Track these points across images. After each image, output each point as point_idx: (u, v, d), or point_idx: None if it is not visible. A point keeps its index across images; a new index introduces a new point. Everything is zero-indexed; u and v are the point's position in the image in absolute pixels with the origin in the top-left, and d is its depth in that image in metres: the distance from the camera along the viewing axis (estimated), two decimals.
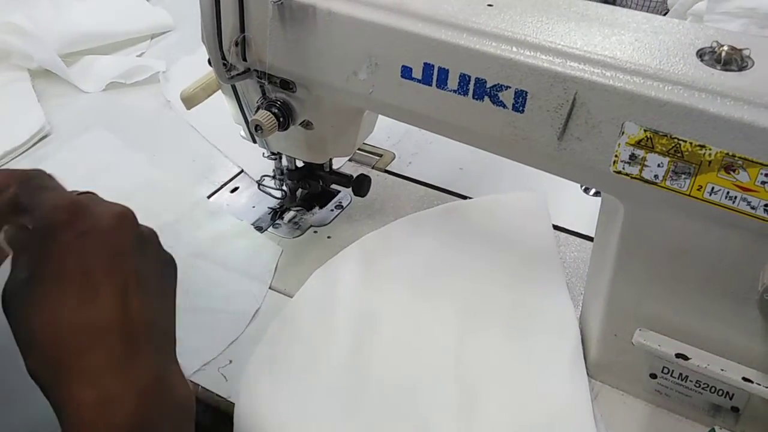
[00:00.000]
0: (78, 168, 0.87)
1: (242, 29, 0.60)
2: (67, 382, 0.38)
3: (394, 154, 0.88)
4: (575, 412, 0.57)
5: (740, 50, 0.46)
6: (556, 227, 0.75)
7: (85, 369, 0.38)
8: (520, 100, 0.50)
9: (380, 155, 0.88)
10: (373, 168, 0.86)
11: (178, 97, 0.70)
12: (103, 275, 0.40)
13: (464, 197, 0.81)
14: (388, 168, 0.86)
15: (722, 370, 0.51)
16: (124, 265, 0.41)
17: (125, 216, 0.43)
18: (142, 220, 0.44)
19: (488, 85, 0.51)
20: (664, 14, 1.25)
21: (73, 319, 0.39)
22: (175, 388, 0.42)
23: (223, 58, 0.61)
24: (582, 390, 0.58)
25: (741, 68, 0.46)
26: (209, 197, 0.82)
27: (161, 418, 0.40)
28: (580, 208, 0.78)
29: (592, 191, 0.81)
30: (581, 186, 0.81)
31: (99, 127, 0.95)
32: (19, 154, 0.90)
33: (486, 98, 0.52)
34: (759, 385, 0.49)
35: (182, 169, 0.87)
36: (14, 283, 0.40)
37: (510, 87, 0.50)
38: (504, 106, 0.51)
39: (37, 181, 0.44)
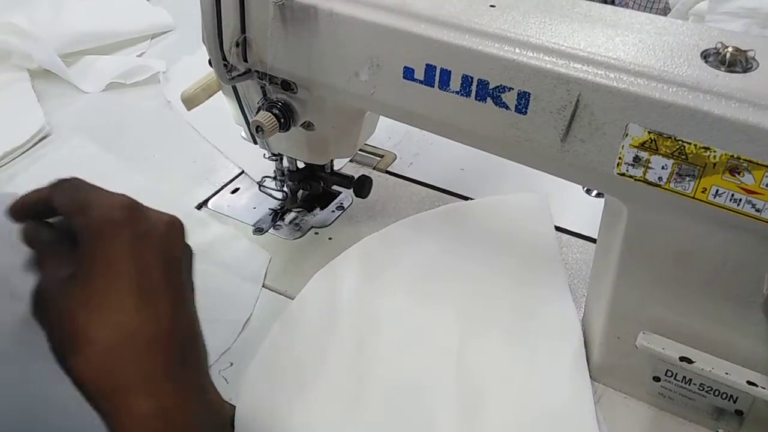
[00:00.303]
0: (73, 168, 0.87)
1: (243, 30, 0.60)
2: (124, 391, 0.37)
3: (395, 154, 0.88)
4: (578, 414, 0.57)
5: (745, 51, 0.46)
6: (558, 228, 0.75)
7: (143, 378, 0.38)
8: (523, 101, 0.50)
9: (381, 156, 0.88)
10: (374, 169, 0.86)
11: (178, 98, 0.69)
12: (160, 282, 0.40)
13: (466, 198, 0.81)
14: (389, 169, 0.86)
15: (727, 373, 0.50)
16: (178, 274, 0.42)
17: (178, 224, 0.43)
18: None
19: (491, 87, 0.51)
20: (665, 14, 1.24)
21: (130, 323, 0.38)
22: (215, 401, 0.42)
23: (224, 58, 0.61)
24: (585, 393, 0.58)
25: (746, 70, 0.45)
26: (209, 198, 0.82)
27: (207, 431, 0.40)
28: (583, 209, 0.77)
29: (595, 192, 0.80)
30: (583, 187, 0.80)
31: (81, 134, 0.94)
32: (19, 155, 0.89)
33: (489, 100, 0.51)
34: (764, 388, 0.49)
35: (183, 170, 0.87)
36: (51, 281, 0.40)
37: (513, 88, 0.50)
38: (507, 108, 0.51)
39: (73, 182, 0.43)
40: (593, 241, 0.71)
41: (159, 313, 0.40)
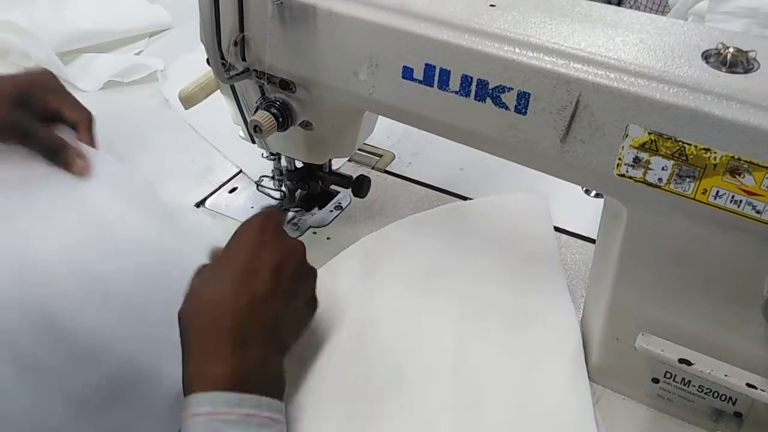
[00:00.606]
0: None
1: (241, 29, 0.60)
2: (202, 333, 0.51)
3: (393, 154, 0.88)
4: (576, 416, 0.57)
5: (746, 52, 0.45)
6: (557, 229, 0.75)
7: (216, 331, 0.51)
8: (523, 101, 0.50)
9: (380, 156, 0.88)
10: (372, 168, 0.86)
11: (176, 96, 0.69)
12: (261, 277, 0.54)
13: (464, 198, 0.80)
14: (387, 168, 0.86)
15: (726, 375, 0.50)
16: (284, 281, 0.55)
17: (299, 247, 0.60)
18: None
19: (490, 87, 0.50)
20: (665, 14, 1.24)
21: (224, 292, 0.53)
22: (272, 372, 0.54)
23: (222, 57, 0.61)
24: (583, 394, 0.58)
25: (747, 70, 0.45)
26: (207, 197, 0.82)
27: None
28: (582, 209, 0.77)
29: (594, 192, 0.80)
30: (583, 187, 0.80)
31: None
32: None
33: (488, 100, 0.51)
34: (763, 391, 0.49)
35: (180, 169, 0.86)
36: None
37: (513, 88, 0.50)
38: (506, 108, 0.51)
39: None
40: (592, 241, 0.71)
41: (243, 294, 0.53)
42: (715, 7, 1.11)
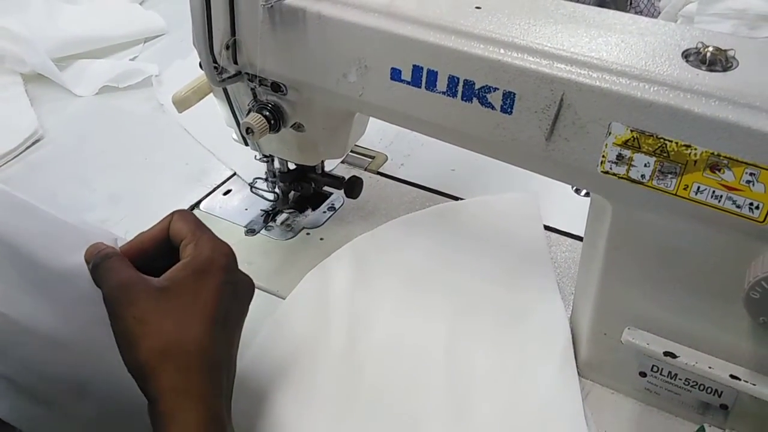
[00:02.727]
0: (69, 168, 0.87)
1: (233, 32, 0.61)
2: (163, 382, 0.45)
3: (386, 155, 0.89)
4: (566, 411, 0.58)
5: (725, 51, 0.46)
6: (547, 228, 0.76)
7: (181, 379, 0.46)
8: (508, 101, 0.51)
9: (372, 157, 0.88)
10: (365, 170, 0.87)
11: (171, 101, 0.70)
12: (227, 322, 0.50)
13: (456, 198, 0.81)
14: (380, 170, 0.87)
15: (710, 367, 0.51)
16: (241, 324, 0.53)
17: (253, 288, 0.55)
18: None
19: (477, 87, 0.51)
20: (656, 16, 1.25)
21: (194, 338, 0.47)
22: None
23: (214, 61, 0.62)
24: (573, 389, 0.59)
25: (726, 69, 0.46)
26: (202, 200, 0.82)
27: None
28: (571, 208, 0.78)
29: (583, 192, 0.81)
30: (572, 187, 0.81)
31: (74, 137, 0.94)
32: (12, 158, 0.90)
33: (474, 100, 0.52)
34: (746, 382, 0.50)
35: (175, 173, 0.87)
36: (142, 285, 0.48)
37: (498, 88, 0.51)
38: (492, 108, 0.52)
39: (192, 216, 0.56)
40: (581, 239, 0.71)
41: (220, 341, 0.49)
42: (704, 9, 1.13)
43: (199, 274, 0.50)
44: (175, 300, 0.48)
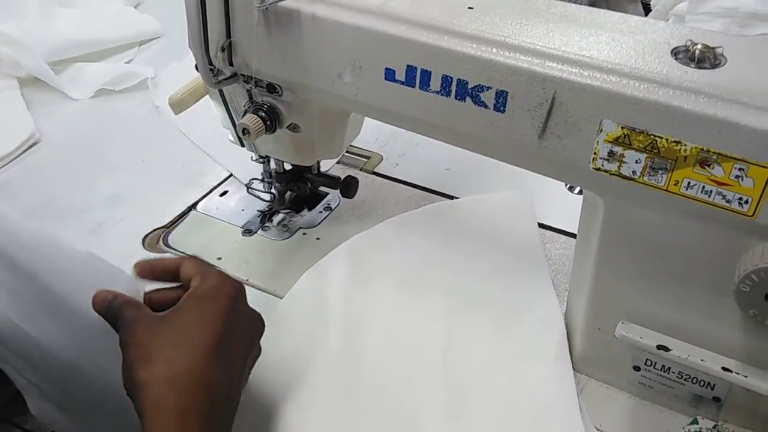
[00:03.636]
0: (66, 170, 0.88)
1: (228, 34, 0.61)
2: (164, 408, 0.46)
3: (381, 155, 0.90)
4: (562, 405, 0.58)
5: (713, 48, 0.47)
6: (541, 225, 0.77)
7: (181, 405, 0.46)
8: (501, 100, 0.51)
9: (368, 157, 0.89)
10: (360, 170, 0.87)
11: (167, 103, 0.70)
12: (232, 352, 0.50)
13: (451, 197, 0.82)
14: (375, 170, 0.87)
15: (702, 360, 0.52)
16: (247, 355, 0.53)
17: (262, 324, 0.55)
18: None
19: (470, 86, 0.52)
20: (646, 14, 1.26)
21: (196, 365, 0.48)
22: None
23: (210, 63, 0.62)
24: (568, 383, 0.60)
25: (714, 66, 0.47)
26: (198, 201, 0.83)
27: None
28: (565, 206, 0.79)
29: (577, 190, 0.82)
30: (566, 185, 0.82)
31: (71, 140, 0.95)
32: (9, 162, 0.90)
33: (468, 99, 0.53)
34: (738, 374, 0.50)
35: (172, 174, 0.88)
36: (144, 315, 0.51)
37: (491, 87, 0.51)
38: (485, 107, 0.52)
39: (199, 259, 0.57)
40: (575, 236, 0.72)
41: (220, 372, 0.48)
42: (694, 8, 1.13)
43: (202, 301, 0.51)
44: (174, 326, 0.49)
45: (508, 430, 0.57)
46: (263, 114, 0.65)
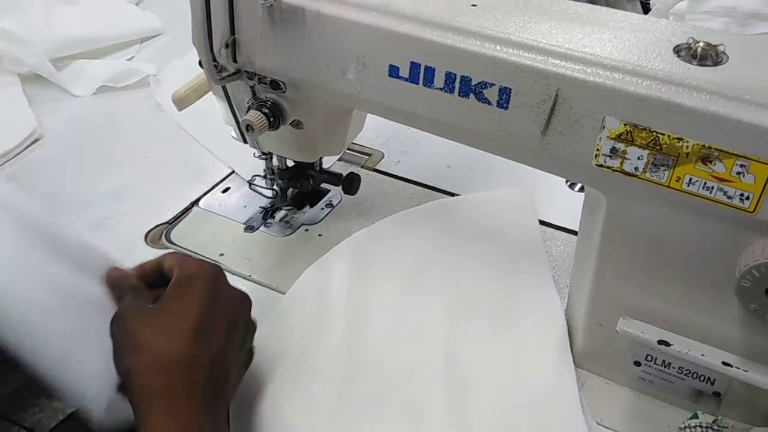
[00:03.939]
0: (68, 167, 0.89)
1: (232, 31, 0.62)
2: (151, 392, 0.48)
3: (382, 153, 0.90)
4: (563, 400, 0.59)
5: (715, 46, 0.48)
6: (542, 222, 0.77)
7: (168, 388, 0.49)
8: (505, 96, 0.52)
9: (369, 155, 0.90)
10: (362, 167, 0.88)
11: (169, 100, 0.71)
12: (215, 332, 0.52)
13: (452, 194, 0.82)
14: (377, 167, 0.88)
15: (703, 355, 0.52)
16: (233, 334, 0.54)
17: (246, 300, 0.57)
18: None
19: (473, 83, 0.53)
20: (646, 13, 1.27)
21: (179, 348, 0.50)
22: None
23: (214, 59, 0.62)
24: (569, 379, 0.60)
25: (716, 63, 0.47)
26: (201, 198, 0.83)
27: None
28: (566, 203, 0.79)
29: (578, 187, 0.82)
30: (566, 182, 0.82)
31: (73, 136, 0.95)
32: (12, 158, 0.91)
33: (471, 95, 0.53)
34: (738, 369, 0.51)
35: (174, 171, 0.88)
36: (134, 306, 0.53)
37: (494, 84, 0.52)
38: (489, 103, 0.53)
39: (181, 254, 0.60)
40: (575, 234, 0.73)
41: (202, 351, 0.50)
42: (694, 7, 1.14)
43: (182, 288, 0.53)
44: (158, 315, 0.52)
45: (510, 425, 0.58)
46: (267, 111, 0.65)
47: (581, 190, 0.82)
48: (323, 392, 0.61)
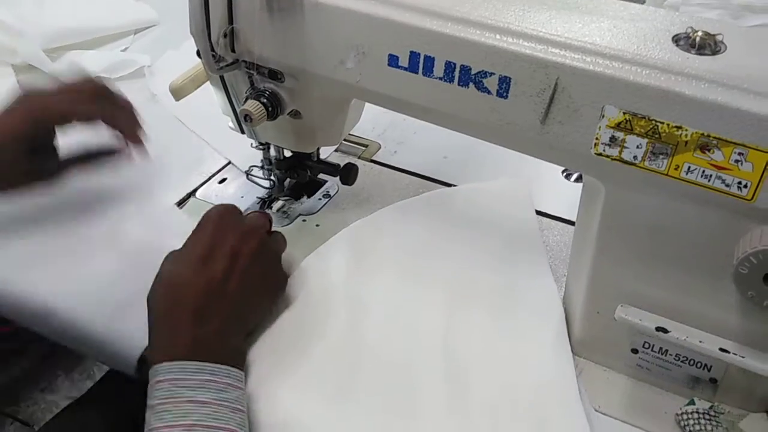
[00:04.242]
0: None
1: (230, 21, 0.61)
2: (167, 311, 0.58)
3: (379, 144, 0.90)
4: (561, 387, 0.59)
5: (713, 35, 0.48)
6: (538, 212, 0.77)
7: (180, 307, 0.57)
8: (504, 86, 0.52)
9: (366, 145, 0.90)
10: (359, 158, 0.88)
11: (164, 91, 0.71)
12: (219, 259, 0.60)
13: (449, 185, 0.83)
14: (373, 158, 0.88)
15: (700, 341, 0.53)
16: (243, 261, 0.61)
17: (257, 230, 0.64)
18: None
19: (473, 72, 0.53)
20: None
21: (186, 273, 0.59)
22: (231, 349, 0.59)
23: (212, 49, 0.62)
24: (567, 367, 0.60)
25: (714, 52, 0.48)
26: (197, 188, 0.83)
27: None
28: (562, 193, 0.80)
29: (573, 177, 0.83)
30: (562, 172, 0.83)
31: None
32: None
33: (471, 85, 0.53)
34: (735, 355, 0.51)
35: (170, 162, 0.88)
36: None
37: (494, 73, 0.52)
38: (488, 92, 0.53)
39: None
40: (572, 223, 0.73)
41: (198, 276, 0.58)
42: None
43: (196, 228, 0.63)
44: (178, 251, 0.61)
45: (508, 414, 0.58)
46: (265, 100, 0.65)
47: (577, 180, 0.82)
48: (321, 383, 0.61)
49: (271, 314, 0.66)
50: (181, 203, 0.81)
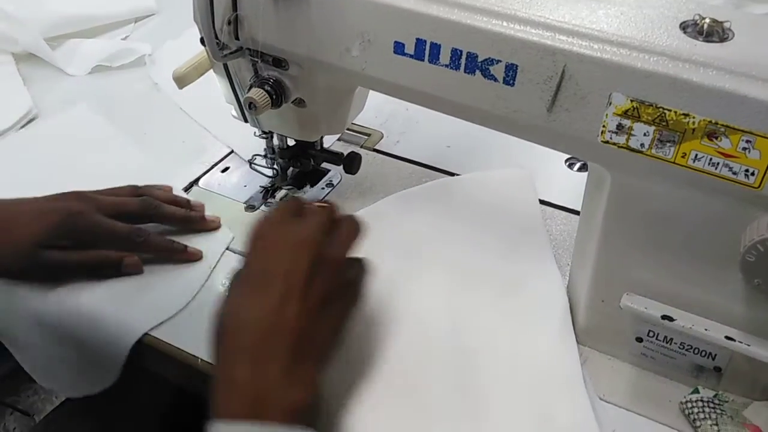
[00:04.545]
0: (64, 146, 0.88)
1: (235, 8, 0.61)
2: (235, 350, 0.51)
3: (382, 133, 0.90)
4: (566, 376, 0.59)
5: (721, 22, 0.48)
6: (542, 202, 0.77)
7: (249, 349, 0.51)
8: (511, 73, 0.52)
9: (369, 135, 0.89)
10: (361, 147, 0.88)
11: (165, 80, 0.70)
12: (294, 300, 0.52)
13: (452, 174, 0.82)
14: (376, 147, 0.88)
15: (706, 330, 0.53)
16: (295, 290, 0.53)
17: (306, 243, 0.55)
18: None
19: (479, 60, 0.53)
20: None
21: (258, 313, 0.52)
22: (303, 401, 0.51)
23: (216, 37, 0.62)
24: (571, 355, 0.61)
25: (722, 39, 0.48)
26: (200, 177, 0.83)
27: None
28: (565, 183, 0.80)
29: (577, 167, 0.82)
30: (566, 161, 0.83)
31: (83, 104, 0.96)
32: (7, 137, 0.90)
33: (477, 72, 0.53)
34: (740, 343, 0.52)
35: (172, 151, 0.88)
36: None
37: (501, 61, 0.52)
38: (495, 80, 0.53)
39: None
40: (576, 213, 0.74)
41: (280, 315, 0.51)
42: None
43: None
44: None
45: (512, 403, 0.58)
46: (269, 88, 0.65)
47: (581, 169, 0.82)
48: (328, 368, 0.61)
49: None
50: (184, 192, 0.81)
